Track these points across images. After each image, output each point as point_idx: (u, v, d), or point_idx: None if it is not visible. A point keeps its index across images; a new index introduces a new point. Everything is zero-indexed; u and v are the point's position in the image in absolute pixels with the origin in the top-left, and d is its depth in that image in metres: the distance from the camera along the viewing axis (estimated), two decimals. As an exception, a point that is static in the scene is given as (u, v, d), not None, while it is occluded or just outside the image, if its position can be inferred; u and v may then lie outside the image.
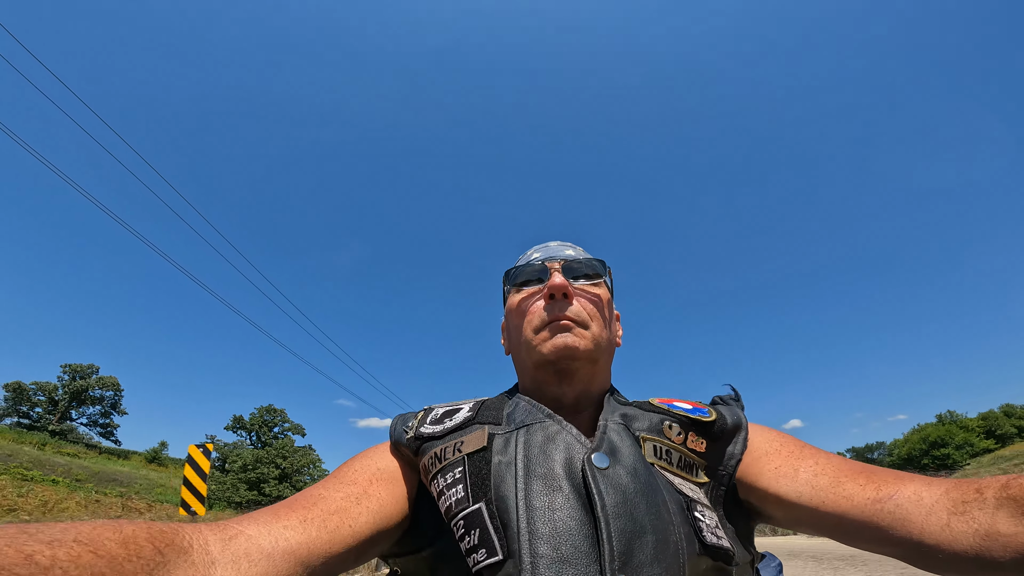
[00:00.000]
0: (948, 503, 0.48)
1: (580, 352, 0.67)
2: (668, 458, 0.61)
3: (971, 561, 0.45)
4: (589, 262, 0.75)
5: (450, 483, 0.58)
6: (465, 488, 0.56)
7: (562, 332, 0.67)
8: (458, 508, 0.55)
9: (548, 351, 0.67)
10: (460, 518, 0.55)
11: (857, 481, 0.55)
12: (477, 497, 0.55)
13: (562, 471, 0.55)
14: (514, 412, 0.65)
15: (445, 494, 0.58)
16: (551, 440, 0.59)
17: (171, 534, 0.40)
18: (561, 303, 0.69)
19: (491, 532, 0.52)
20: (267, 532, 0.47)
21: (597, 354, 0.69)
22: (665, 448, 0.61)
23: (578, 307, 0.70)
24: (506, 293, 0.80)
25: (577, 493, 0.53)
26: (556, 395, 0.70)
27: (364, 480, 0.60)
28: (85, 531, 0.35)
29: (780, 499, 0.59)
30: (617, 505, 0.51)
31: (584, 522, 0.51)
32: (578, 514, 0.51)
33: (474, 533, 0.53)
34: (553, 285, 0.69)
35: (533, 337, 0.69)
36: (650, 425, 0.64)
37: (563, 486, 0.53)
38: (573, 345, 0.66)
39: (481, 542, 0.52)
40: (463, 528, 0.54)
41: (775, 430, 0.68)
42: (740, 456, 0.64)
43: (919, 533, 0.48)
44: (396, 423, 0.69)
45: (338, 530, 0.52)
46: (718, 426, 0.64)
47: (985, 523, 0.45)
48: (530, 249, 0.82)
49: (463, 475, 0.57)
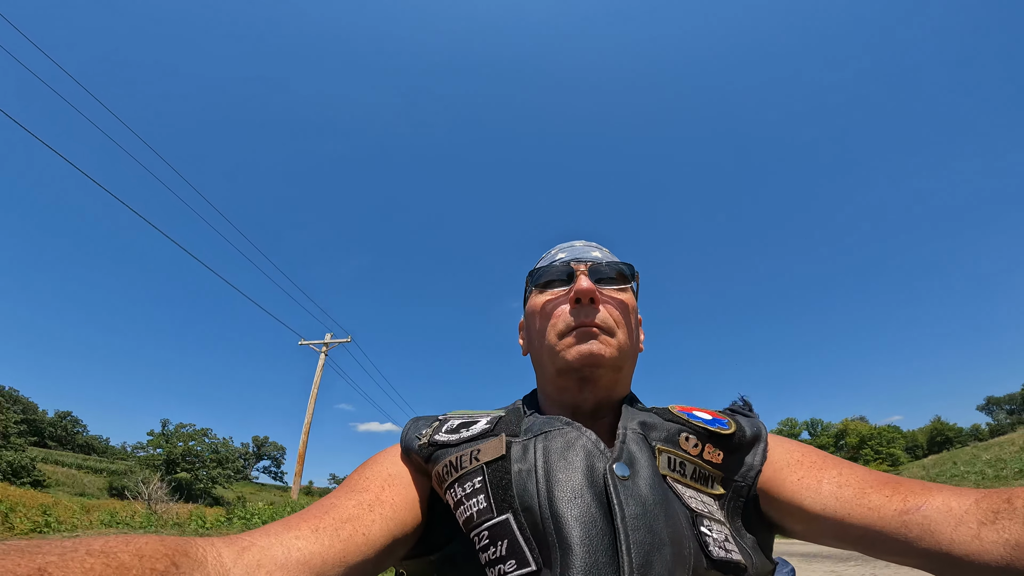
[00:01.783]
0: (978, 513, 0.47)
1: (605, 360, 0.65)
2: (682, 470, 0.59)
3: (1001, 572, 0.44)
4: (616, 266, 0.73)
5: (469, 492, 0.56)
6: (487, 498, 0.55)
7: (588, 339, 0.66)
8: (481, 519, 0.54)
9: (573, 358, 0.65)
10: (484, 529, 0.53)
11: (883, 492, 0.54)
12: (502, 508, 0.54)
13: (583, 479, 0.54)
14: (532, 423, 0.64)
15: (465, 504, 0.56)
16: (570, 447, 0.57)
17: (185, 546, 0.40)
18: (588, 308, 0.67)
19: (522, 544, 0.51)
20: (279, 543, 0.47)
21: (621, 361, 0.68)
22: (679, 460, 0.60)
23: (605, 313, 0.68)
24: (528, 293, 0.77)
25: (599, 502, 0.52)
26: (576, 401, 0.68)
27: (376, 487, 0.59)
28: (98, 544, 0.35)
29: (804, 511, 0.58)
30: (637, 517, 0.50)
31: (605, 532, 0.50)
32: (600, 524, 0.50)
33: (501, 544, 0.51)
34: (580, 289, 0.67)
35: (557, 342, 0.68)
36: (667, 436, 0.62)
37: (585, 494, 0.52)
38: (599, 353, 0.65)
39: (510, 553, 0.50)
40: (487, 539, 0.53)
41: (796, 441, 0.67)
42: (760, 467, 0.62)
43: (948, 544, 0.47)
44: (408, 429, 0.67)
45: (352, 538, 0.51)
46: (737, 438, 0.63)
47: (1016, 533, 0.44)
48: (554, 248, 0.79)
49: (483, 485, 0.56)
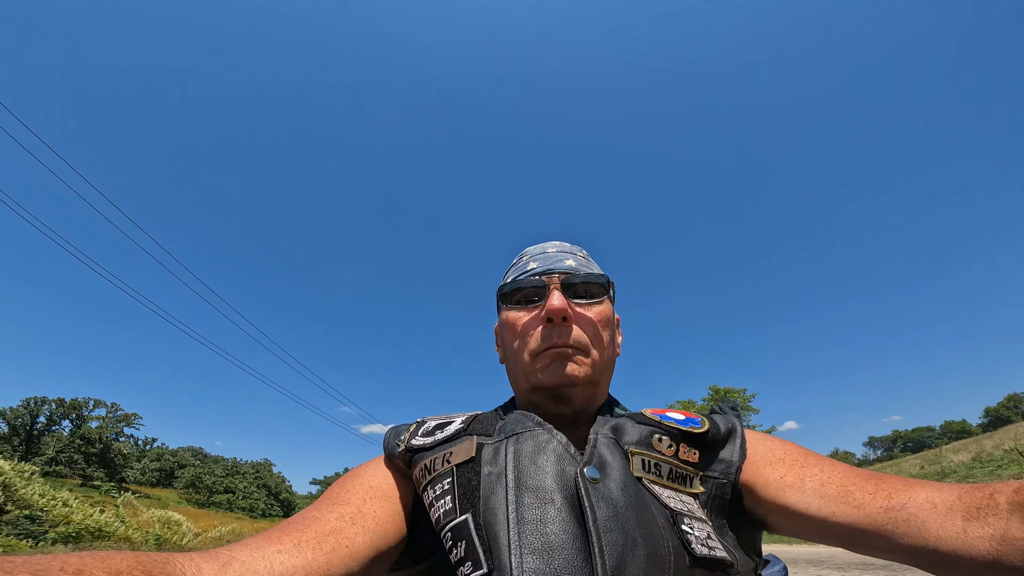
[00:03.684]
0: (962, 509, 0.48)
1: (580, 380, 0.65)
2: (657, 471, 0.59)
3: (987, 567, 0.44)
4: (589, 278, 0.70)
5: (439, 494, 0.57)
6: (453, 499, 0.55)
7: (561, 360, 0.65)
8: (446, 519, 0.55)
9: (546, 379, 0.65)
10: (448, 529, 0.54)
11: (866, 489, 0.54)
12: (464, 508, 0.54)
13: (554, 483, 0.54)
14: (505, 423, 0.64)
15: (435, 505, 0.57)
16: (541, 451, 0.58)
17: (163, 563, 0.39)
18: (560, 328, 0.66)
19: (476, 544, 0.51)
20: (260, 557, 0.46)
21: (597, 376, 0.68)
22: (654, 461, 0.60)
23: (579, 332, 0.67)
24: (500, 304, 0.76)
25: (569, 506, 0.52)
26: (552, 413, 0.68)
27: (358, 499, 0.59)
28: (73, 562, 0.34)
29: (787, 509, 0.58)
30: (608, 519, 0.50)
31: (576, 535, 0.50)
32: (570, 527, 0.50)
33: (461, 545, 0.52)
34: (552, 309, 0.65)
35: (531, 362, 0.67)
36: (639, 438, 0.62)
37: (555, 499, 0.52)
38: (572, 374, 0.65)
39: (467, 554, 0.51)
40: (451, 540, 0.53)
41: (778, 438, 0.67)
42: (740, 463, 0.62)
43: (935, 540, 0.47)
44: (389, 435, 0.68)
45: (335, 552, 0.50)
46: (711, 435, 0.63)
47: (1000, 528, 0.44)
48: (525, 254, 0.77)
49: (451, 486, 0.57)
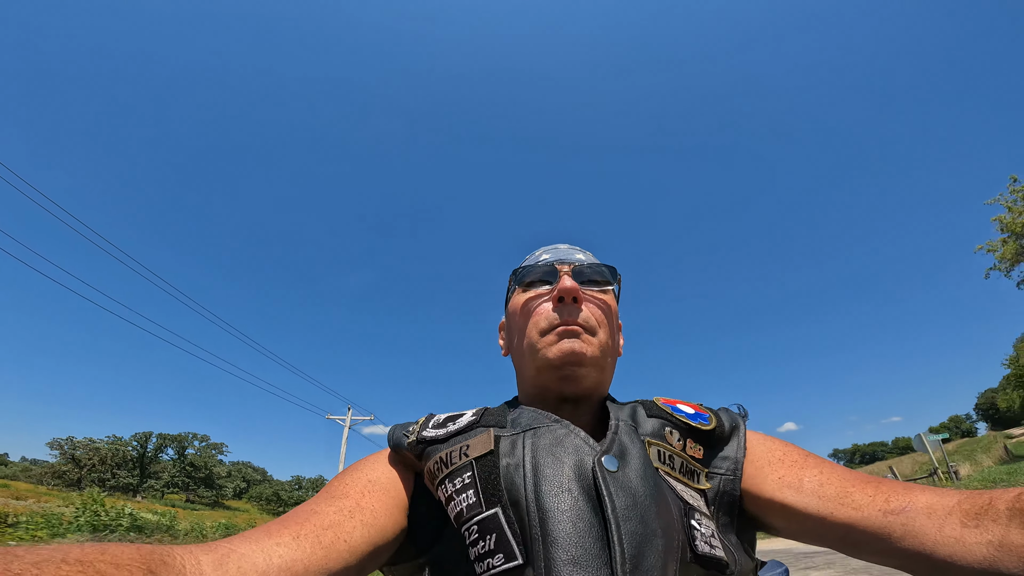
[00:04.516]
0: (961, 514, 0.47)
1: (587, 358, 0.66)
2: (671, 463, 0.60)
3: (984, 572, 0.44)
4: (599, 268, 0.74)
5: (459, 488, 0.57)
6: (476, 493, 0.55)
7: (570, 337, 0.66)
8: (471, 513, 0.54)
9: (554, 355, 0.66)
10: (474, 523, 0.54)
11: (865, 491, 0.54)
12: (491, 503, 0.54)
13: (572, 473, 0.54)
14: (519, 417, 0.64)
15: (455, 499, 0.57)
16: (559, 443, 0.58)
17: (162, 554, 0.39)
18: (570, 307, 0.68)
19: (509, 537, 0.51)
20: (259, 550, 0.46)
21: (603, 360, 0.68)
22: (668, 453, 0.61)
23: (587, 312, 0.68)
24: (510, 293, 0.78)
25: (587, 496, 0.52)
26: (557, 399, 0.68)
27: (356, 493, 0.59)
28: (74, 552, 0.35)
29: (785, 509, 0.58)
30: (627, 508, 0.50)
31: (594, 524, 0.50)
32: (588, 516, 0.50)
33: (489, 538, 0.52)
34: (564, 288, 0.67)
35: (539, 340, 0.68)
36: (653, 429, 0.63)
37: (572, 488, 0.53)
38: (580, 351, 0.65)
39: (498, 547, 0.51)
40: (477, 533, 0.53)
41: (777, 439, 0.67)
42: (742, 460, 0.63)
43: (932, 545, 0.47)
44: (394, 430, 0.68)
45: (333, 545, 0.51)
46: (717, 433, 0.64)
47: (998, 534, 0.44)
48: (538, 250, 0.80)
49: (473, 480, 0.56)
